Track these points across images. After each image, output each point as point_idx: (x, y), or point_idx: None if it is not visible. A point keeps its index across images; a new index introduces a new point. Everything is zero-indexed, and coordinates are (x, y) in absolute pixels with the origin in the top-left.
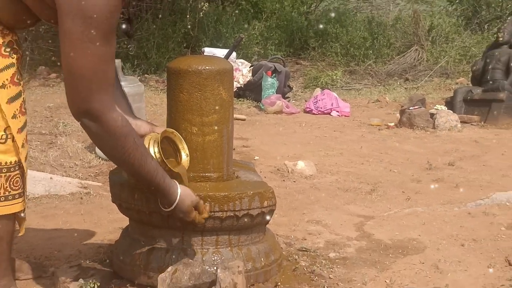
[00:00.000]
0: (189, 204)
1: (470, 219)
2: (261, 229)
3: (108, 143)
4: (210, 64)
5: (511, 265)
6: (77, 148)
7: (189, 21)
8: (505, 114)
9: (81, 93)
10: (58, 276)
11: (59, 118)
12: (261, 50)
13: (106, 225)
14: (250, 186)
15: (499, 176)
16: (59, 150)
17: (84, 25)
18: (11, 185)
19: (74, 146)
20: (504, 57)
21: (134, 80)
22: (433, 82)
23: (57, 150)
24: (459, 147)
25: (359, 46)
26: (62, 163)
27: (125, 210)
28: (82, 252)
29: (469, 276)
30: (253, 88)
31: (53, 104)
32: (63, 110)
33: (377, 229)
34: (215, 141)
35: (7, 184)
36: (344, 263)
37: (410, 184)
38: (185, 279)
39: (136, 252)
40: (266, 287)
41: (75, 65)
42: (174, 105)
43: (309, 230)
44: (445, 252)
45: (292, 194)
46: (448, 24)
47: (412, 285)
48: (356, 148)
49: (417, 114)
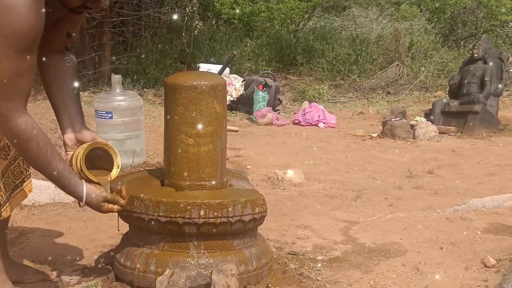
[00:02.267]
0: (96, 202)
1: (448, 223)
2: (253, 234)
3: (15, 144)
4: (205, 80)
5: (487, 267)
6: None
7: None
8: (480, 125)
9: None
10: (62, 279)
11: None
12: (252, 66)
13: (107, 231)
14: (243, 193)
15: (475, 183)
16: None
17: None
18: None
19: None
20: (479, 72)
21: (133, 94)
22: (413, 95)
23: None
24: (437, 156)
25: (344, 61)
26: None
27: (125, 217)
28: (84, 257)
29: (447, 277)
30: (245, 102)
31: None
32: None
33: (361, 233)
34: (209, 152)
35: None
36: (331, 265)
37: (392, 191)
38: (182, 281)
39: (136, 256)
40: None
41: None
42: (171, 118)
43: (298, 235)
44: (425, 255)
45: (282, 201)
46: (426, 41)
47: (394, 287)
48: (342, 158)
49: (398, 125)
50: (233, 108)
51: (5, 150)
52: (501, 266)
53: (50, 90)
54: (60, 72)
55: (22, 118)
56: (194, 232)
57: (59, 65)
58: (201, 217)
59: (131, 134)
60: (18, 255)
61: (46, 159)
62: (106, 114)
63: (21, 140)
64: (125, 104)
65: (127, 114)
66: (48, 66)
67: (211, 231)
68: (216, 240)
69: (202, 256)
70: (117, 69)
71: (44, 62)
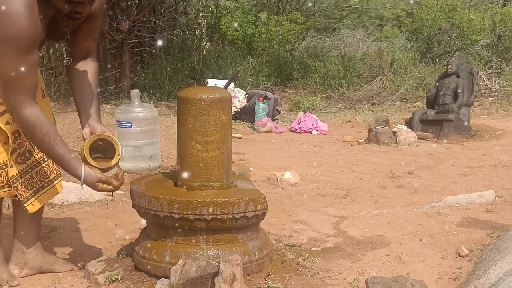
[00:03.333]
0: (91, 181)
1: (426, 218)
2: (255, 228)
3: (23, 130)
4: (212, 93)
5: (461, 257)
6: None
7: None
8: (454, 131)
9: (2, 93)
10: (88, 269)
11: None
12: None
13: (127, 226)
14: (246, 193)
15: (450, 182)
16: None
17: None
18: None
19: None
20: (452, 85)
21: (150, 106)
22: (395, 105)
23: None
24: (416, 159)
25: (334, 76)
26: None
27: (143, 214)
28: (107, 249)
29: (426, 265)
30: (248, 112)
31: None
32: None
33: (350, 227)
34: (216, 156)
35: None
36: (324, 256)
37: (377, 190)
38: (193, 270)
39: (152, 248)
40: (259, 276)
41: None
42: (182, 127)
43: (295, 229)
44: (406, 246)
45: (281, 199)
46: (406, 58)
47: (380, 274)
48: (333, 161)
49: (382, 132)
50: (237, 118)
51: (24, 156)
52: (473, 255)
53: (73, 93)
54: (81, 77)
55: (28, 109)
56: (203, 227)
57: (81, 71)
58: (209, 214)
59: (148, 141)
60: (50, 247)
61: (49, 144)
62: (126, 123)
63: (27, 127)
64: (143, 115)
65: (145, 123)
66: (72, 72)
67: (218, 226)
68: (223, 234)
69: (210, 248)
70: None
71: (68, 69)
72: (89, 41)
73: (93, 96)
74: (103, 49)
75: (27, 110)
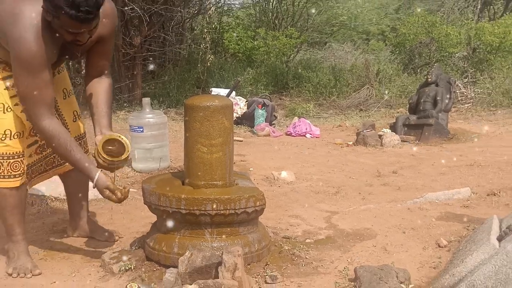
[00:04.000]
0: (100, 187)
1: (409, 213)
2: (254, 222)
3: (43, 139)
4: (216, 101)
5: (440, 247)
6: None
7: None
8: (433, 134)
9: (23, 107)
10: (104, 258)
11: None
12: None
13: (139, 221)
14: (246, 190)
15: (430, 180)
16: None
17: (16, 65)
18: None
19: None
20: (432, 93)
21: (160, 113)
22: (380, 111)
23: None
24: (400, 159)
25: (325, 86)
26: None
27: (154, 209)
28: (121, 241)
29: (409, 255)
30: (248, 118)
31: None
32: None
33: (340, 221)
34: (220, 158)
35: (9, 167)
36: (317, 247)
37: (365, 188)
38: (199, 260)
39: (162, 241)
40: (259, 266)
41: (17, 90)
42: (189, 131)
43: (290, 223)
44: (391, 238)
45: (277, 196)
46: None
47: (367, 263)
48: (324, 161)
49: (369, 135)
50: (238, 123)
51: (42, 147)
52: (451, 246)
53: (88, 105)
54: (95, 92)
55: (46, 121)
56: (208, 222)
57: (95, 87)
58: (213, 209)
59: (158, 144)
60: (69, 240)
61: (66, 150)
62: (138, 128)
63: (46, 137)
64: (153, 120)
65: (155, 128)
66: (87, 87)
67: (221, 220)
68: (225, 227)
69: (214, 240)
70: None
71: (86, 84)
72: (102, 60)
73: (105, 108)
74: (117, 62)
75: (44, 123)
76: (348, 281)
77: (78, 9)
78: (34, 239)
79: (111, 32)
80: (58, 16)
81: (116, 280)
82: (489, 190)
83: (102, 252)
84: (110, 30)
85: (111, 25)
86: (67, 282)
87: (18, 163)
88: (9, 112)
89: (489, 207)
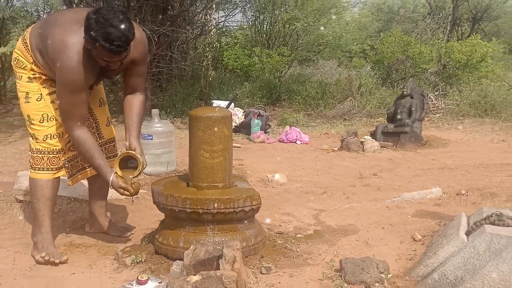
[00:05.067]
0: (115, 187)
1: (388, 210)
2: (251, 220)
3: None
4: (217, 112)
5: (415, 241)
6: None
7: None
8: (409, 141)
9: (61, 118)
10: (118, 253)
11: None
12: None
13: (149, 218)
14: (244, 191)
15: (406, 182)
16: None
17: (60, 85)
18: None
19: None
20: (407, 104)
21: (167, 122)
22: (362, 120)
23: None
24: (379, 163)
25: (313, 98)
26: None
27: (162, 208)
28: (133, 237)
29: (388, 248)
30: (245, 126)
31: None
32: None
33: (327, 218)
34: (220, 162)
35: (48, 161)
36: (306, 241)
37: (348, 188)
38: (202, 254)
39: (169, 236)
40: (255, 258)
41: (59, 104)
42: (193, 139)
43: (283, 220)
44: (372, 233)
45: (272, 196)
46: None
47: (351, 255)
48: (313, 165)
49: (352, 142)
50: (237, 131)
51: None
52: (425, 240)
53: (124, 116)
54: (130, 105)
55: (76, 131)
56: (210, 219)
57: (130, 101)
58: (215, 208)
59: (166, 150)
60: (87, 236)
61: (90, 156)
62: (148, 136)
63: (75, 143)
64: (161, 129)
65: (163, 136)
66: (125, 101)
67: (222, 218)
68: (225, 224)
69: (216, 236)
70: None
71: (124, 98)
72: (136, 80)
73: (136, 120)
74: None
75: (75, 132)
76: (334, 271)
77: (111, 43)
78: (56, 235)
79: (143, 57)
80: (95, 46)
81: (129, 271)
82: (458, 190)
83: (116, 247)
84: (141, 55)
85: (143, 51)
86: (85, 273)
87: (56, 159)
88: (52, 121)
89: (458, 205)
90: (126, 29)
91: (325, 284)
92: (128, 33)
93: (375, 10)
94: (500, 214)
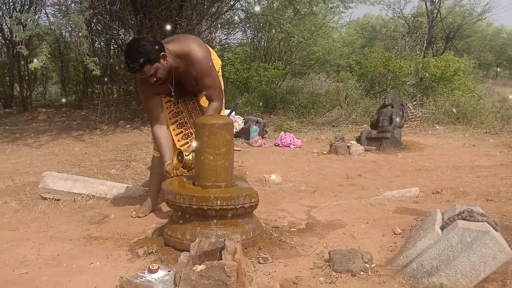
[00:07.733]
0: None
1: (371, 207)
2: (250, 215)
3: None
4: (220, 120)
5: (396, 234)
6: (142, 169)
7: None
8: (390, 145)
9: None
10: (131, 244)
11: (132, 151)
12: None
13: (159, 214)
14: (244, 190)
15: (388, 181)
16: (132, 170)
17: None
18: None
19: (140, 168)
20: (388, 113)
21: None
22: (348, 127)
23: (131, 170)
24: (364, 165)
25: (305, 107)
26: (133, 178)
27: (171, 205)
28: (145, 231)
29: (371, 241)
30: (244, 132)
31: (128, 142)
32: (134, 146)
33: (318, 214)
34: (223, 164)
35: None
36: (299, 234)
37: (336, 187)
38: (206, 246)
39: (177, 230)
40: (254, 250)
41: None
42: (199, 143)
43: (278, 215)
44: (357, 227)
45: (268, 194)
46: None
47: (338, 247)
48: (305, 166)
49: (339, 146)
50: (237, 136)
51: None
52: (404, 233)
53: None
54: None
55: (154, 127)
56: (214, 215)
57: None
58: (218, 205)
59: None
60: (104, 229)
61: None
62: None
63: (153, 136)
64: None
65: None
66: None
67: (224, 214)
68: (227, 219)
69: (219, 230)
70: None
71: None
72: (207, 92)
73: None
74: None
75: (154, 128)
76: (323, 261)
77: (128, 66)
78: (76, 228)
79: (200, 73)
80: None
81: (141, 261)
82: (433, 189)
83: (130, 239)
84: (198, 72)
85: (199, 68)
86: (102, 262)
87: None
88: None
89: (434, 202)
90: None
91: (316, 273)
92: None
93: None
94: (471, 210)
